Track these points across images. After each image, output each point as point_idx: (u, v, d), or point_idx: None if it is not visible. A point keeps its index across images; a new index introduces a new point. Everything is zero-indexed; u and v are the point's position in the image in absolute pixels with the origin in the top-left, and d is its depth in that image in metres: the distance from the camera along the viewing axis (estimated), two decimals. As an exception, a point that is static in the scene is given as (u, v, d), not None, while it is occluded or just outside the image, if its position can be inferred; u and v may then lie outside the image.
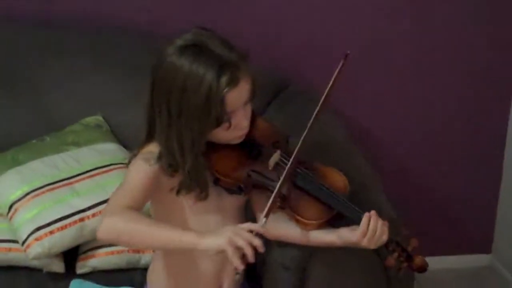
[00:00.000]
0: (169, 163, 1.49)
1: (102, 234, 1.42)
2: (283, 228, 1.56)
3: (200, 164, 1.49)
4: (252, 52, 1.49)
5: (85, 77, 2.17)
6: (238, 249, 1.32)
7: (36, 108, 2.15)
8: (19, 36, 2.20)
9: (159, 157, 1.50)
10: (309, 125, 1.52)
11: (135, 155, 1.55)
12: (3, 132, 2.12)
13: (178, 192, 1.52)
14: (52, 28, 2.23)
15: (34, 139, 2.04)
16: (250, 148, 1.56)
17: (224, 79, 1.42)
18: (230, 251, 1.32)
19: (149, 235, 1.40)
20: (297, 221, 1.51)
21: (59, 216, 1.80)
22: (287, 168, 1.48)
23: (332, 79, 1.53)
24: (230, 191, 1.55)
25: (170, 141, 1.47)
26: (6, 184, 1.87)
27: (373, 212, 1.47)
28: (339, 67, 1.54)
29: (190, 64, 1.42)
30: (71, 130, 2.09)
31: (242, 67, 1.45)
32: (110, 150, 2.03)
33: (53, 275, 1.83)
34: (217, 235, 1.35)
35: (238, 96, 1.45)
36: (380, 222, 1.47)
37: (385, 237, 1.47)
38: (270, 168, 1.53)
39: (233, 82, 1.43)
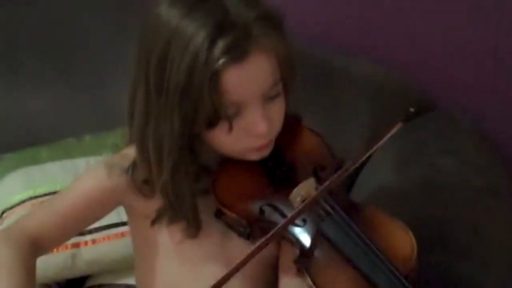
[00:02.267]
0: (144, 176, 1.00)
1: None
2: None
3: (181, 181, 0.97)
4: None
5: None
6: None
7: (97, 104, 1.79)
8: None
9: (133, 166, 1.01)
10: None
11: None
12: (55, 125, 1.76)
13: (153, 222, 1.02)
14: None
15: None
16: (275, 170, 1.02)
17: (219, 45, 0.87)
18: None
19: None
20: None
21: (47, 236, 1.37)
22: (305, 201, 0.92)
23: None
24: (237, 231, 1.01)
25: (145, 138, 0.96)
26: (8, 186, 1.49)
27: None
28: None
29: (180, 18, 0.90)
30: (119, 132, 1.66)
31: (259, 33, 0.89)
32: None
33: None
34: None
35: (245, 79, 0.90)
36: None
37: None
38: (295, 205, 0.97)
39: (235, 53, 0.88)
